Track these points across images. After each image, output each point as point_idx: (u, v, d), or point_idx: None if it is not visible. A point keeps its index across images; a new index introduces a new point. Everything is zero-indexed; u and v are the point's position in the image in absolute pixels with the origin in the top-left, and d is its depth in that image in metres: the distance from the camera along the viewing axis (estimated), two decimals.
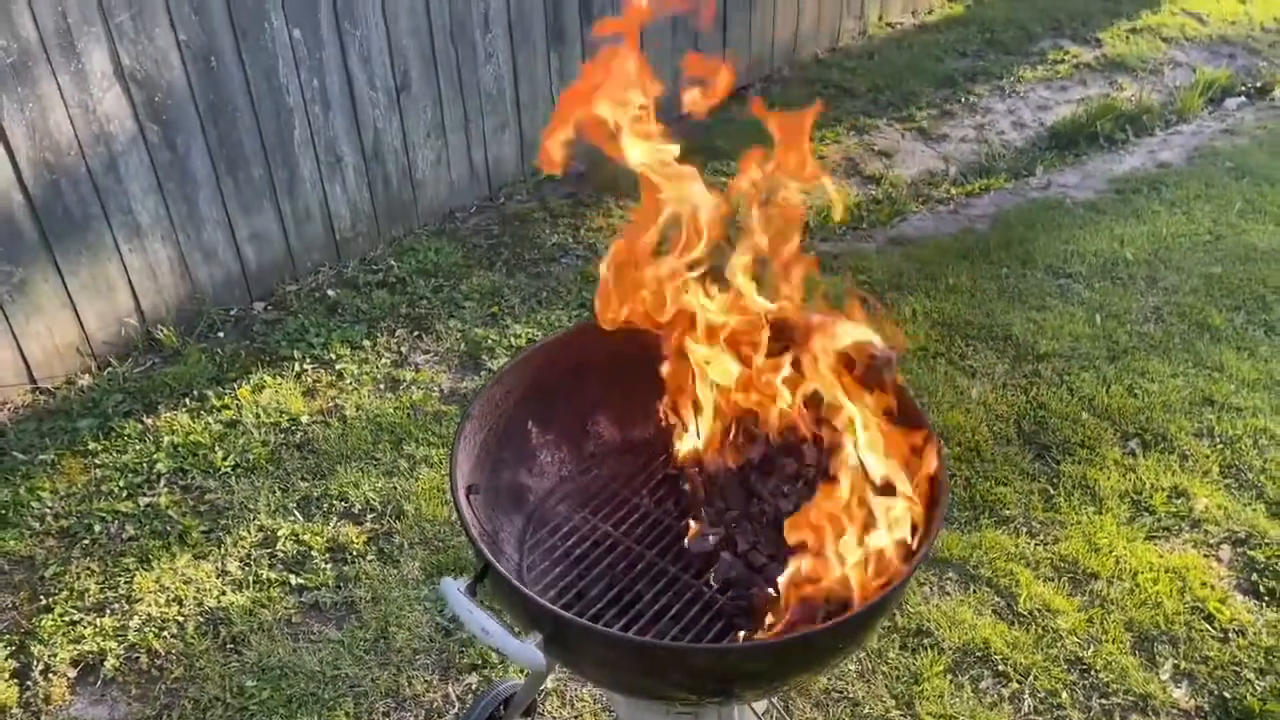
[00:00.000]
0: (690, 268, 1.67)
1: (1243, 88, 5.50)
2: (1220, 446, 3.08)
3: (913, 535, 1.67)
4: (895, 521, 1.70)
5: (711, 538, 1.80)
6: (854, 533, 1.69)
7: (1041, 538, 2.81)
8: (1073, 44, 5.80)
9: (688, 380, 1.81)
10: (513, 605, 1.54)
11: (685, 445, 1.85)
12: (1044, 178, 4.61)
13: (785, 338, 1.75)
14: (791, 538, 1.69)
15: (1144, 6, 6.17)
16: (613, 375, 1.93)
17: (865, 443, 1.72)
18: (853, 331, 1.69)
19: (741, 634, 1.63)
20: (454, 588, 1.49)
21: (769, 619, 1.64)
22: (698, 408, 1.83)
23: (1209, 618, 2.59)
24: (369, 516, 2.89)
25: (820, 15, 5.52)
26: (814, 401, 1.78)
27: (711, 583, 1.76)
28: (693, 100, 1.60)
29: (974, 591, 2.66)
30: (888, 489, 1.74)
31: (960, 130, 5.01)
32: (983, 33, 5.90)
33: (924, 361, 3.41)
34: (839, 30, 5.69)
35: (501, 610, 1.56)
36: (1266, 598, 2.64)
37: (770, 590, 1.68)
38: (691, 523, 1.83)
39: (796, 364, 1.76)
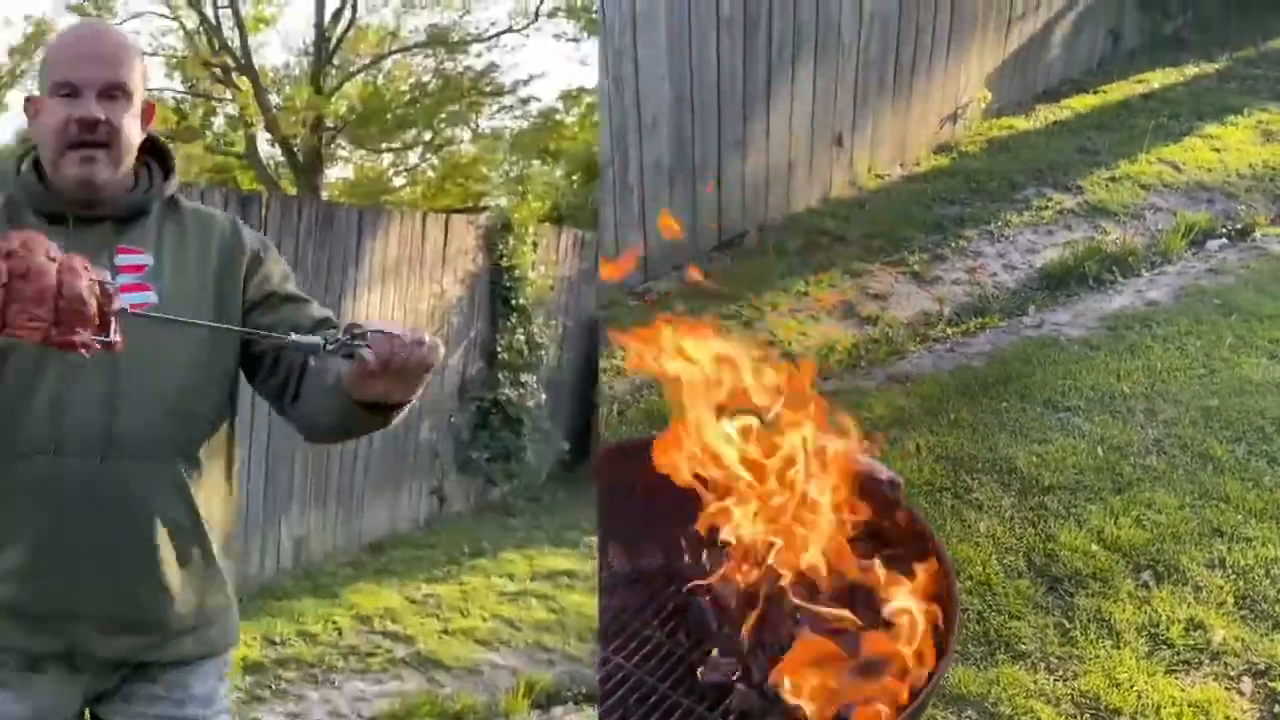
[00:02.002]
0: None
1: (1223, 230, 5.68)
2: (1233, 577, 3.05)
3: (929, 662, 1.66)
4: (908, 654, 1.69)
5: (726, 668, 1.78)
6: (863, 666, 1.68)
7: (1060, 673, 2.75)
8: (1055, 191, 6.02)
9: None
10: None
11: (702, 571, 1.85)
12: (1037, 316, 4.72)
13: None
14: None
15: (1121, 157, 6.42)
16: (620, 504, 1.95)
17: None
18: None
19: None
20: None
21: None
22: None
23: None
24: None
25: (812, 166, 5.75)
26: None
27: (727, 716, 1.73)
28: None
29: None
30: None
31: (952, 273, 5.15)
32: (968, 182, 6.13)
33: (929, 495, 3.41)
34: (830, 181, 5.92)
35: None
36: None
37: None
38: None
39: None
